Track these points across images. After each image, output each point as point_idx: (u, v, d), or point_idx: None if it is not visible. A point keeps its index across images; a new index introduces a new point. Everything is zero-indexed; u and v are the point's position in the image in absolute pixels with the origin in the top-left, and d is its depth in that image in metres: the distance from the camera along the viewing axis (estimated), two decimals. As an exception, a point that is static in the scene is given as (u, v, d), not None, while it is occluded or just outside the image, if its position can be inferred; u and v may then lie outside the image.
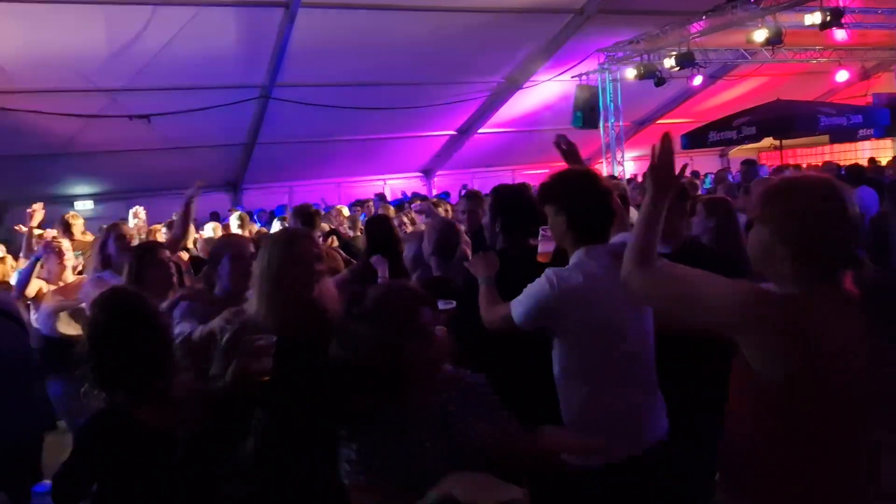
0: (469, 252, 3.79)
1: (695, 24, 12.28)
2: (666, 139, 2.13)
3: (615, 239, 2.59)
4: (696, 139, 13.79)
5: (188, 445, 2.28)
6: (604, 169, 15.05)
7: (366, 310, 2.04)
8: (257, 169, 14.77)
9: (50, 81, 10.18)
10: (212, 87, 11.36)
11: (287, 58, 11.09)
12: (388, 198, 13.31)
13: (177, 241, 4.70)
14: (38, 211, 6.34)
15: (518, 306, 2.49)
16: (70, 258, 4.99)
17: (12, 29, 8.97)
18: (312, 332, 2.42)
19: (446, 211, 6.98)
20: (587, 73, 14.39)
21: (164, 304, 3.09)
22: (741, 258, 3.78)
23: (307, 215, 5.42)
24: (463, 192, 13.94)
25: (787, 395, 1.66)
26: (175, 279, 3.65)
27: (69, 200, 14.01)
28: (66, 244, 5.03)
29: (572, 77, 14.38)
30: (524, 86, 14.20)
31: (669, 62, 12.63)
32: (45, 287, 4.75)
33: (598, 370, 2.44)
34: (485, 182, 15.94)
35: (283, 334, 2.33)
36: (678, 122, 17.29)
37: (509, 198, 3.26)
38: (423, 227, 6.10)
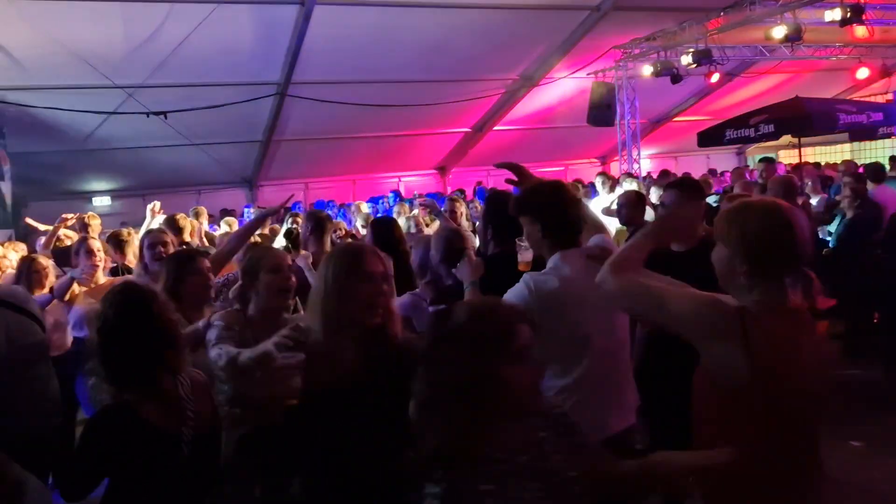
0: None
1: (712, 21, 12.17)
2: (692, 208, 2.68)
3: (590, 242, 2.88)
4: (712, 137, 13.65)
5: (193, 444, 2.29)
6: (619, 167, 14.98)
7: (453, 330, 1.69)
8: (273, 166, 14.84)
9: (68, 78, 10.27)
10: (228, 83, 11.41)
11: (303, 55, 11.13)
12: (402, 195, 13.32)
13: (229, 255, 4.25)
14: (70, 219, 6.40)
15: None
16: (101, 259, 4.95)
17: (31, 26, 9.05)
18: (380, 361, 2.22)
19: (455, 212, 6.88)
20: (603, 70, 14.31)
21: (200, 325, 2.90)
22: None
23: (319, 220, 5.21)
24: (478, 189, 13.98)
25: (745, 398, 1.84)
26: (213, 292, 3.46)
27: (87, 196, 14.16)
28: (96, 244, 5.00)
29: (588, 74, 14.31)
30: (540, 83, 14.15)
31: (686, 59, 12.53)
32: (77, 289, 4.77)
33: (573, 367, 2.63)
34: (500, 180, 15.90)
35: (344, 361, 2.19)
36: (694, 120, 17.18)
37: (502, 204, 3.29)
38: (429, 231, 6.32)
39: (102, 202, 14.32)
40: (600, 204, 8.13)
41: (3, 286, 3.74)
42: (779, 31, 11.34)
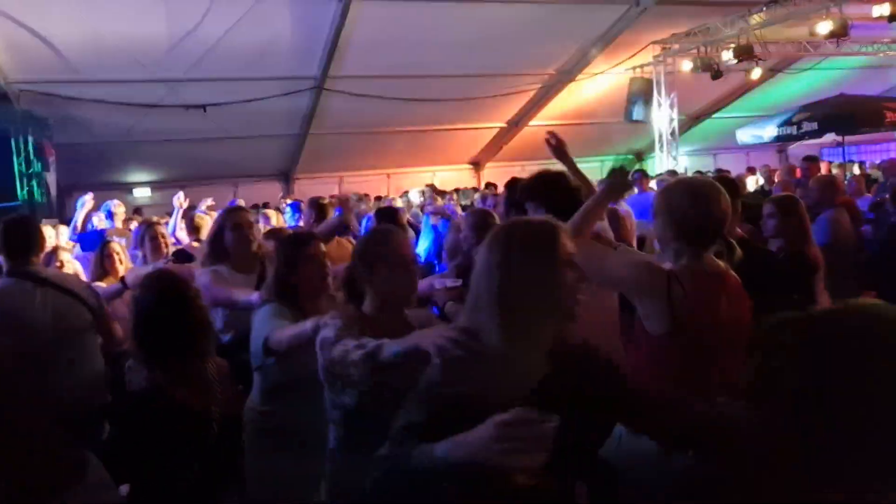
0: None
1: (754, 16, 11.93)
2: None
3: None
4: (752, 134, 13.41)
5: (221, 424, 2.39)
6: (657, 164, 14.78)
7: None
8: (309, 159, 14.96)
9: (112, 72, 10.49)
10: (266, 78, 11.54)
11: (341, 49, 11.20)
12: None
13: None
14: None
15: None
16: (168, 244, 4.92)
17: (77, 20, 9.26)
18: (569, 377, 1.70)
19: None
20: (642, 66, 14.13)
21: (308, 325, 2.39)
22: (808, 259, 3.69)
23: (321, 207, 5.31)
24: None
25: (669, 344, 2.14)
26: (329, 281, 2.96)
27: (128, 187, 14.45)
28: (161, 229, 5.00)
29: (626, 70, 14.14)
30: (577, 78, 14.03)
31: (727, 55, 12.31)
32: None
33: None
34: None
35: (534, 376, 1.67)
36: (735, 117, 16.88)
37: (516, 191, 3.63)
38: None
39: (143, 193, 14.60)
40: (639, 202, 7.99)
41: (50, 270, 3.82)
42: (824, 27, 11.06)
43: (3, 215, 9.64)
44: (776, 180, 10.03)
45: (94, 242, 5.50)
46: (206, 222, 6.17)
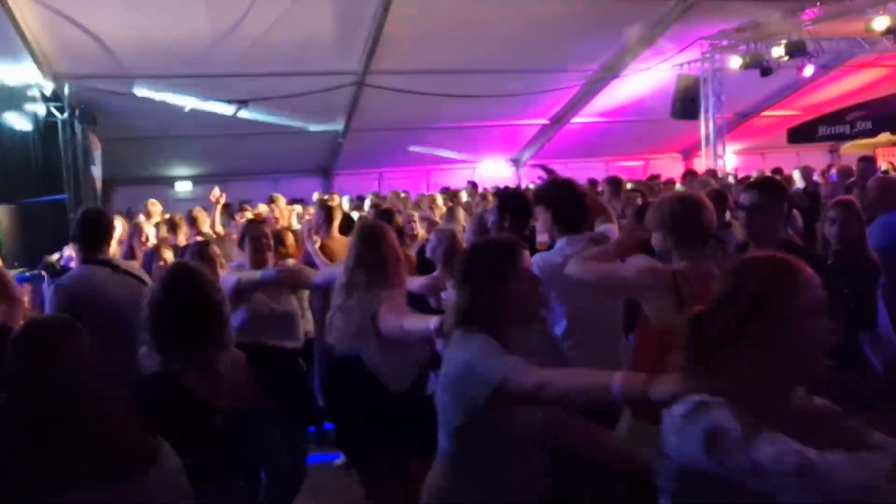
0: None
1: (807, 11, 11.54)
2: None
3: (599, 228, 3.53)
4: (803, 133, 13.05)
5: (228, 417, 2.41)
6: (702, 163, 14.45)
7: None
8: (349, 155, 14.99)
9: (155, 67, 10.61)
10: (308, 73, 11.56)
11: (381, 44, 11.16)
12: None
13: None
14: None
15: None
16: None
17: (122, 16, 9.38)
18: None
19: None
20: (688, 62, 13.82)
21: (417, 326, 2.82)
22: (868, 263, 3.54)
23: (329, 209, 5.68)
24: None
25: (672, 338, 2.14)
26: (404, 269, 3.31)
27: (170, 182, 14.67)
28: (150, 230, 5.26)
29: (673, 66, 13.84)
30: (621, 74, 13.77)
31: (778, 51, 11.94)
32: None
33: (576, 328, 3.23)
34: (577, 173, 15.57)
35: None
36: (784, 115, 16.44)
37: (515, 198, 4.08)
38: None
39: (184, 187, 14.79)
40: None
41: (119, 259, 4.02)
42: (880, 23, 10.65)
43: (50, 207, 9.87)
44: (823, 181, 9.71)
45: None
46: (204, 215, 6.62)
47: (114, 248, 5.27)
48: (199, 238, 5.46)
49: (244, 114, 11.47)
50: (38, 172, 9.86)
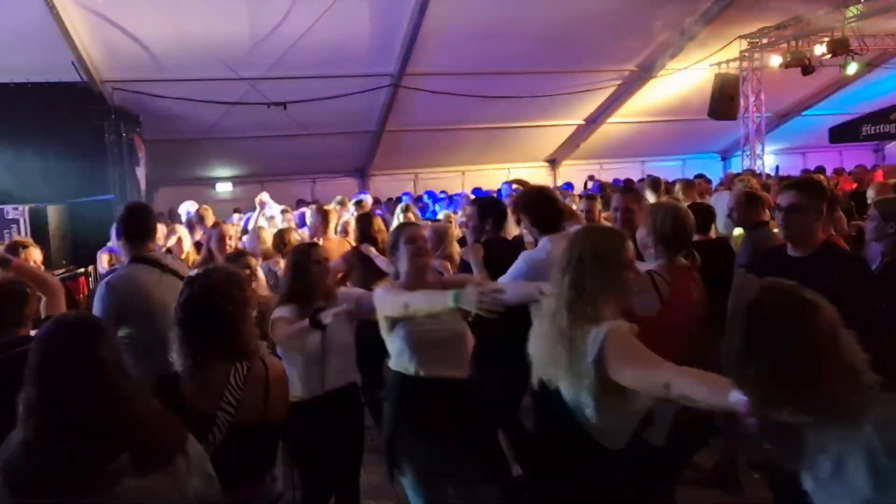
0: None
1: (851, 7, 11.30)
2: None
3: (570, 229, 3.78)
4: (846, 133, 12.77)
5: (229, 432, 2.35)
6: (741, 163, 14.25)
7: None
8: (384, 156, 15.09)
9: (197, 70, 10.83)
10: (345, 75, 11.69)
11: (418, 46, 11.23)
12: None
13: None
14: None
15: (507, 280, 3.59)
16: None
17: (164, 20, 9.60)
18: None
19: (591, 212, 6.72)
20: (727, 61, 13.63)
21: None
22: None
23: (325, 213, 6.09)
24: (589, 183, 13.67)
25: (660, 320, 2.86)
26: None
27: (210, 183, 14.94)
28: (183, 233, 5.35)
29: (710, 65, 13.67)
30: (658, 74, 13.64)
31: (820, 49, 11.73)
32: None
33: None
34: (613, 173, 15.52)
35: None
36: (827, 114, 16.10)
37: (492, 204, 4.67)
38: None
39: (224, 188, 15.06)
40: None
41: (167, 257, 3.98)
42: (928, 19, 10.38)
43: (97, 208, 10.13)
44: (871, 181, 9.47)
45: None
46: (209, 213, 6.90)
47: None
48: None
49: (283, 115, 11.62)
50: (86, 174, 10.14)
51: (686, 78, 13.97)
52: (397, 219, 6.78)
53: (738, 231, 5.24)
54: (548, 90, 12.97)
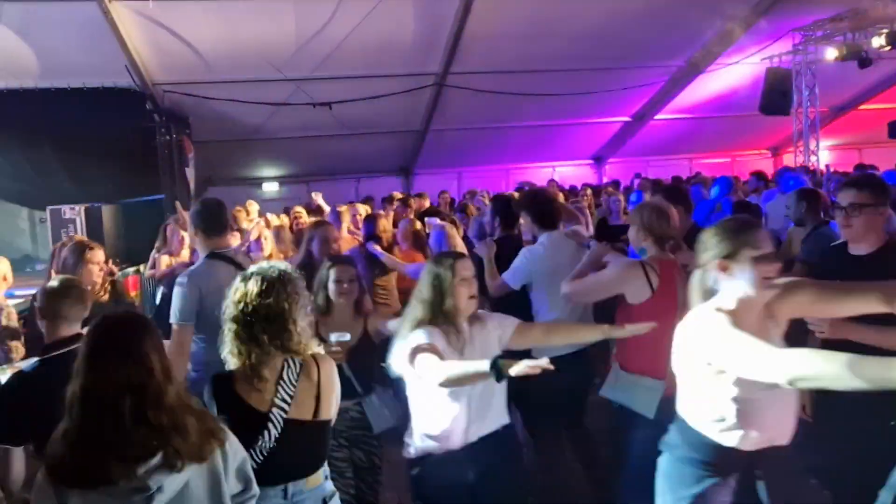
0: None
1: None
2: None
3: (567, 228, 4.41)
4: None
5: (283, 428, 2.38)
6: (794, 159, 13.87)
7: None
8: (428, 155, 15.12)
9: (244, 71, 10.99)
10: (389, 75, 11.74)
11: (462, 45, 11.22)
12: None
13: None
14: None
15: (509, 275, 4.15)
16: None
17: (214, 24, 9.77)
18: None
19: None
20: (780, 55, 13.27)
21: None
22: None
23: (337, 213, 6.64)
24: (636, 180, 13.47)
25: (651, 306, 3.29)
26: None
27: (257, 182, 15.17)
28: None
29: (762, 59, 13.32)
30: (707, 69, 13.36)
31: (878, 41, 11.32)
32: None
33: (554, 307, 4.02)
34: (660, 171, 15.27)
35: None
36: (884, 108, 15.55)
37: (506, 203, 5.02)
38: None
39: (270, 188, 15.27)
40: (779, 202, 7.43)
41: (242, 256, 4.04)
42: None
43: (148, 207, 10.38)
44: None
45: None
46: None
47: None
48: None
49: (328, 115, 11.72)
50: (138, 175, 10.41)
51: (736, 73, 13.65)
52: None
53: (797, 228, 5.09)
54: (593, 87, 12.80)
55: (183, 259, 6.22)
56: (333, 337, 3.18)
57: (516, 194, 7.08)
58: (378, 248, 5.47)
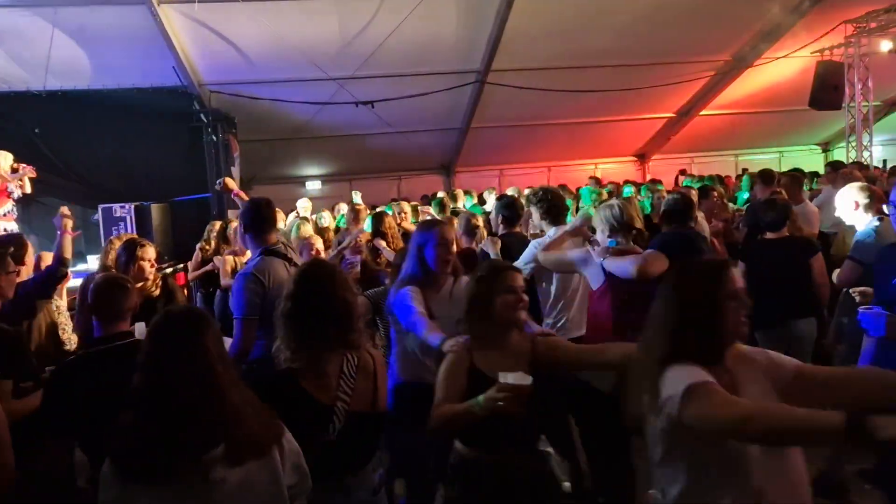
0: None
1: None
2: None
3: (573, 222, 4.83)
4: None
5: (347, 419, 2.43)
6: (845, 154, 13.48)
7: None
8: (470, 152, 15.10)
9: (288, 72, 11.13)
10: (431, 73, 11.76)
11: (504, 42, 11.17)
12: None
13: None
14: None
15: (520, 263, 4.33)
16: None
17: (258, 25, 9.90)
18: None
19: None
20: (830, 48, 12.90)
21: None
22: None
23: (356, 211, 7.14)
24: (680, 177, 13.26)
25: (608, 291, 3.77)
26: None
27: (301, 181, 15.35)
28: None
29: (812, 53, 12.98)
30: (755, 63, 13.07)
31: (935, 32, 10.94)
32: None
33: (562, 295, 4.49)
34: (705, 167, 15.02)
35: None
36: (942, 102, 15.04)
37: (510, 202, 5.51)
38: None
39: (314, 186, 15.44)
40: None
41: (293, 253, 4.14)
42: None
43: (196, 206, 10.57)
44: None
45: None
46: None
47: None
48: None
49: (370, 114, 11.80)
50: (185, 173, 10.61)
51: (784, 66, 13.32)
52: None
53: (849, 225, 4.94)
54: (637, 83, 12.62)
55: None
56: (510, 378, 2.31)
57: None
58: (383, 244, 6.23)
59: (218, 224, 7.50)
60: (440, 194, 10.15)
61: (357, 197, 8.01)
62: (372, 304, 3.87)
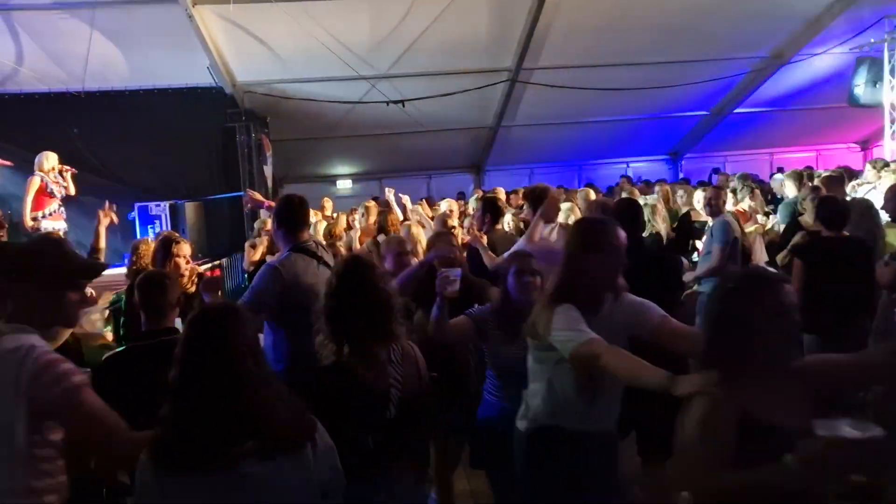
0: None
1: None
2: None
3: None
4: None
5: (399, 405, 2.51)
6: (887, 151, 13.17)
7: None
8: (500, 151, 15.06)
9: (320, 71, 11.19)
10: (463, 71, 11.74)
11: (536, 40, 11.12)
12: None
13: None
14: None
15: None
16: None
17: (291, 25, 9.97)
18: None
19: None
20: (870, 44, 12.60)
21: None
22: None
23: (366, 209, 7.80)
24: (714, 176, 13.08)
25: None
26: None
27: (332, 180, 15.45)
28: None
29: (851, 49, 12.69)
30: (792, 60, 12.82)
31: (982, 26, 10.61)
32: None
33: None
34: (739, 166, 14.76)
35: None
36: None
37: (493, 202, 6.05)
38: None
39: (345, 185, 15.53)
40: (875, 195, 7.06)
41: (323, 250, 4.16)
42: None
43: (229, 204, 10.68)
44: None
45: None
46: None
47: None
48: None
49: (401, 113, 11.82)
50: (219, 172, 10.75)
51: (822, 63, 13.05)
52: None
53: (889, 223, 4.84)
54: (670, 81, 12.46)
55: None
56: (846, 430, 1.74)
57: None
58: (483, 240, 6.31)
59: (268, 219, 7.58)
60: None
61: (390, 195, 7.96)
62: (476, 326, 3.25)
